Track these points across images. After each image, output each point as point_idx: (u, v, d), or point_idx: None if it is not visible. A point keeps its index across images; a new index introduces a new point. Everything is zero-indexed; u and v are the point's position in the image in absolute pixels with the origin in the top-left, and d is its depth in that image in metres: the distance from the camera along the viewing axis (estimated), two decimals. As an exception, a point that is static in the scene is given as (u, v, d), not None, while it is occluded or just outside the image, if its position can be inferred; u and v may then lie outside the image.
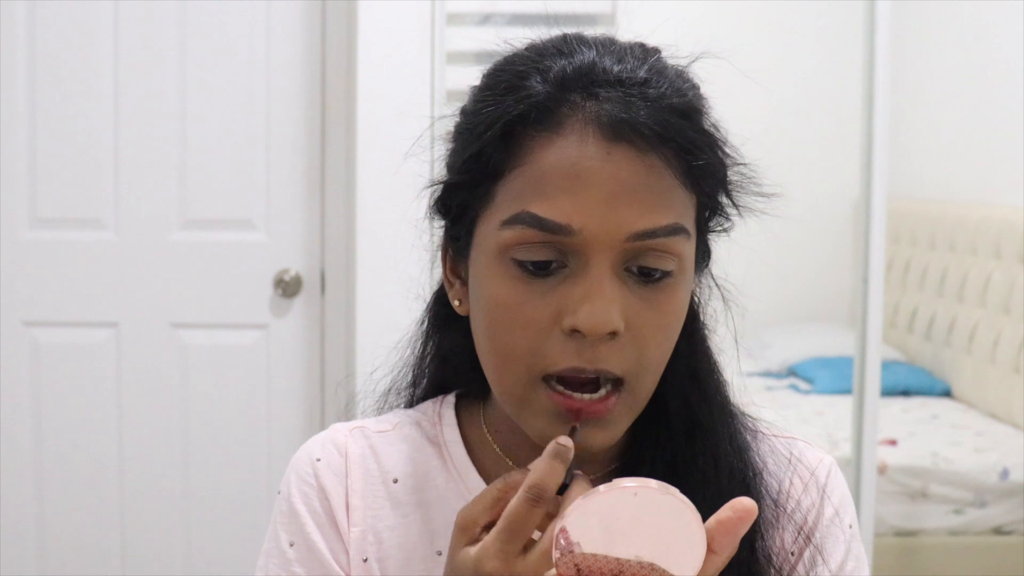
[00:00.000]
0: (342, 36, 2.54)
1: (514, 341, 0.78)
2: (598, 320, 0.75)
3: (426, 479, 0.89)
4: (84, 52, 2.54)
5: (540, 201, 0.76)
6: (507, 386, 0.80)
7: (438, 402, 0.94)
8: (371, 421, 0.93)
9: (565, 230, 0.76)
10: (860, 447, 2.45)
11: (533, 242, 0.77)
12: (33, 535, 2.63)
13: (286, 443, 2.59)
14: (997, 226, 3.23)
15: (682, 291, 0.80)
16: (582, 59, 0.79)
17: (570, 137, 0.77)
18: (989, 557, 2.81)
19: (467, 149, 0.81)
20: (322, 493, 0.88)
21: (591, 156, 0.76)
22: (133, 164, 2.56)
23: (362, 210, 2.43)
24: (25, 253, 2.58)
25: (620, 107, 0.77)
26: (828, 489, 0.90)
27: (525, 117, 0.78)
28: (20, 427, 2.61)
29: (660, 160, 0.77)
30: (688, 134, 0.78)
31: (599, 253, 0.76)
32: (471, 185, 0.81)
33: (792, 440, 0.92)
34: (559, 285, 0.77)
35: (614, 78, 0.78)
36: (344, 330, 2.60)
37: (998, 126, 3.28)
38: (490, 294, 0.79)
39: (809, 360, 3.63)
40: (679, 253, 0.78)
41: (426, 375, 0.96)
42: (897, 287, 3.75)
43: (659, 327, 0.79)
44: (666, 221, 0.77)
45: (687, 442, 0.86)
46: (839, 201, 3.70)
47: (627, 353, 0.78)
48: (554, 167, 0.76)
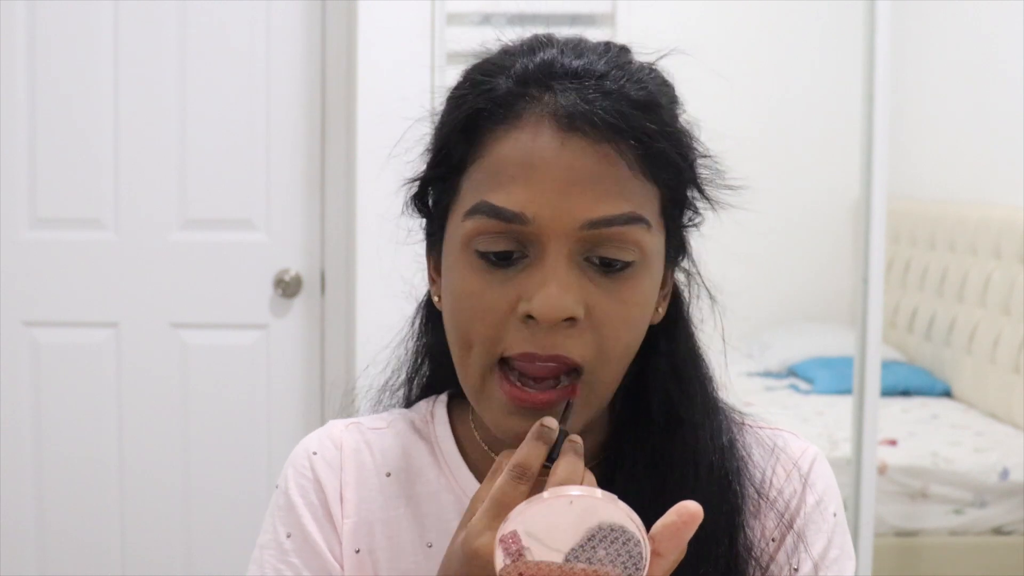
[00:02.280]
0: (342, 36, 2.54)
1: (474, 329, 0.80)
2: (551, 305, 0.77)
3: (418, 474, 0.91)
4: (84, 52, 2.54)
5: (496, 191, 0.78)
6: (468, 375, 0.82)
7: (431, 401, 0.96)
8: (367, 418, 0.95)
9: (519, 218, 0.78)
10: (860, 447, 2.45)
11: (492, 232, 0.79)
12: (33, 535, 2.63)
13: (286, 443, 2.59)
14: (997, 226, 3.23)
15: (646, 282, 0.81)
16: (543, 56, 0.81)
17: (526, 129, 0.79)
18: (989, 557, 2.81)
19: (436, 145, 0.85)
20: (317, 485, 0.90)
21: (545, 146, 0.78)
22: (133, 164, 2.57)
23: (362, 210, 2.43)
24: (25, 253, 2.59)
25: (575, 99, 0.78)
26: (811, 478, 0.90)
27: (485, 111, 0.80)
28: (20, 427, 2.61)
29: (615, 151, 0.78)
30: (644, 125, 0.79)
31: (554, 241, 0.78)
32: (440, 179, 0.84)
33: (777, 432, 0.93)
34: (519, 274, 0.79)
35: (571, 72, 0.80)
36: (344, 330, 2.60)
37: (998, 126, 3.28)
38: (455, 285, 0.82)
39: (809, 360, 3.63)
40: (639, 242, 0.79)
41: (420, 372, 0.97)
42: (897, 287, 3.74)
43: (621, 317, 0.80)
44: (621, 210, 0.78)
45: (667, 438, 0.87)
46: (839, 201, 3.69)
47: (586, 340, 0.79)
48: (510, 158, 0.79)
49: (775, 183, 3.23)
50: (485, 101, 0.81)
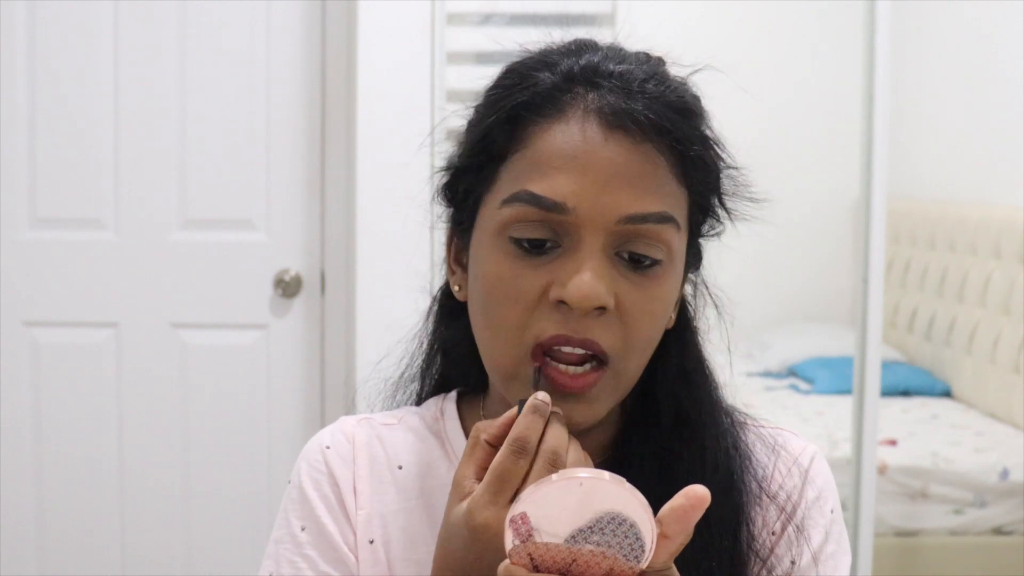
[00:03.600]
0: (342, 36, 2.54)
1: (505, 314, 0.82)
2: (585, 293, 0.79)
3: (429, 468, 0.92)
4: (84, 52, 2.54)
5: (538, 181, 0.81)
6: (498, 360, 0.84)
7: (440, 399, 0.97)
8: (378, 415, 0.97)
9: (560, 208, 0.80)
10: (860, 447, 2.45)
11: (530, 220, 0.81)
12: (33, 535, 2.63)
13: (286, 443, 2.59)
14: (997, 226, 3.23)
15: (670, 281, 0.84)
16: (589, 58, 0.84)
17: (572, 123, 0.81)
18: (989, 557, 2.81)
19: (475, 134, 0.87)
20: (332, 479, 0.91)
21: (590, 141, 0.81)
22: (133, 164, 2.57)
23: (362, 210, 2.43)
24: (25, 253, 2.59)
25: (620, 98, 0.81)
26: (811, 474, 0.92)
27: (530, 104, 0.83)
28: (20, 427, 2.61)
29: (654, 150, 0.81)
30: (683, 129, 0.82)
31: (591, 233, 0.80)
32: (476, 168, 0.86)
33: (778, 430, 0.96)
34: (552, 262, 0.81)
35: (615, 74, 0.83)
36: (344, 330, 2.60)
37: (998, 126, 3.28)
38: (487, 270, 0.83)
39: (809, 360, 3.63)
40: (668, 242, 0.82)
41: (433, 366, 0.99)
42: (897, 287, 3.74)
43: (647, 311, 0.82)
44: (657, 208, 0.81)
45: (675, 438, 0.89)
46: (839, 201, 3.69)
47: (614, 330, 0.81)
48: (554, 150, 0.81)
49: (775, 183, 3.23)
50: (530, 94, 0.83)
